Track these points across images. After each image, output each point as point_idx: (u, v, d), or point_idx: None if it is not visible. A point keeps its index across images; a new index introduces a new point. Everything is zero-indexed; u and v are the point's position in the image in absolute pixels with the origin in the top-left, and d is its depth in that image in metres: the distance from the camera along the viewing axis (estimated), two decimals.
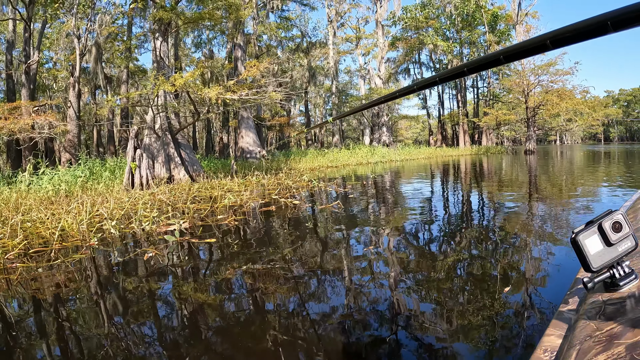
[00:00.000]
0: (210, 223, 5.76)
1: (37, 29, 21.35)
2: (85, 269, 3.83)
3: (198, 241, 4.64)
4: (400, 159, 25.71)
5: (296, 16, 35.68)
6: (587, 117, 35.38)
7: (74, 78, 18.04)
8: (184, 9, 23.16)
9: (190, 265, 3.84)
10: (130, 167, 11.69)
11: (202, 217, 6.22)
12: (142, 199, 7.66)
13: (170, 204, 7.29)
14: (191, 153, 14.53)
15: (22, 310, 2.96)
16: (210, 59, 34.60)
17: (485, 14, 37.41)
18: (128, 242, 4.87)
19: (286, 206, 7.01)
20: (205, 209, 6.93)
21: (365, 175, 13.72)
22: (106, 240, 4.94)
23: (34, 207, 7.01)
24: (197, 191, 9.58)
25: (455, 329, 2.34)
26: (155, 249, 4.31)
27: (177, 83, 9.33)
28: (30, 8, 18.11)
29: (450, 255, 3.86)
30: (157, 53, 13.86)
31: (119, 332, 2.46)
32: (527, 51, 0.69)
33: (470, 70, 0.84)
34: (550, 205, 6.45)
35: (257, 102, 12.69)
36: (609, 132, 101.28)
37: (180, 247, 4.47)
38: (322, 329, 2.40)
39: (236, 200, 7.66)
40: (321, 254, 4.00)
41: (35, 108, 16.64)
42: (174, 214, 6.25)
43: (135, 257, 4.13)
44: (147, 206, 6.85)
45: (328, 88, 43.87)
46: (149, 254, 4.12)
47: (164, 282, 3.40)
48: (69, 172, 11.98)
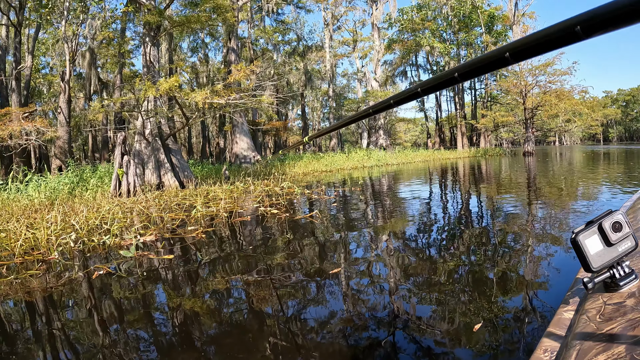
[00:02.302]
0: (177, 235, 5.43)
1: (32, 35, 21.20)
2: (25, 288, 3.53)
3: (155, 257, 4.32)
4: (397, 163, 25.43)
5: (292, 20, 35.57)
6: (586, 117, 35.19)
7: (64, 83, 17.83)
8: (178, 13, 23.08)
9: (134, 289, 3.43)
10: (118, 173, 11.45)
11: (172, 228, 5.93)
12: (122, 207, 7.42)
13: (147, 214, 7.03)
14: (182, 159, 14.30)
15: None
16: (206, 63, 34.42)
17: (482, 15, 37.24)
18: (90, 255, 4.60)
19: (263, 216, 6.70)
20: (182, 218, 6.66)
21: (355, 181, 13.41)
22: (68, 254, 4.68)
23: (15, 216, 6.79)
24: (182, 198, 9.32)
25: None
26: (108, 266, 4.02)
27: (161, 88, 9.09)
28: (20, 13, 17.93)
29: (442, 275, 3.60)
30: (147, 58, 13.66)
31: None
32: (484, 67, 0.62)
33: (425, 90, 0.76)
34: (549, 209, 6.20)
35: (248, 107, 12.47)
36: (607, 132, 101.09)
37: (136, 263, 4.15)
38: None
39: (215, 209, 7.39)
40: (281, 281, 3.46)
41: (26, 114, 16.41)
42: (145, 225, 5.99)
43: (86, 274, 3.82)
44: (123, 216, 6.61)
45: (325, 92, 43.71)
46: (99, 272, 3.84)
47: (98, 309, 3.02)
48: (56, 179, 11.75)
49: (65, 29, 18.22)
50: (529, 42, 0.54)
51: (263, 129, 26.19)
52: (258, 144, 27.72)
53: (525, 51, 0.55)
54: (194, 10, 14.87)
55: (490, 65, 0.61)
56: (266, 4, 29.24)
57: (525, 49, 0.55)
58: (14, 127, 14.66)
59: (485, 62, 0.61)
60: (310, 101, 49.36)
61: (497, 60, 0.59)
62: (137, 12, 14.12)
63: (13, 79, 17.82)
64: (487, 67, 0.62)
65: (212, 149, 38.66)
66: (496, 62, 0.59)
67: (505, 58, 0.57)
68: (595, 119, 37.10)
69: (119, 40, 23.10)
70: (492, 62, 0.60)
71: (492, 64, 0.60)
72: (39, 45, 30.50)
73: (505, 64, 0.58)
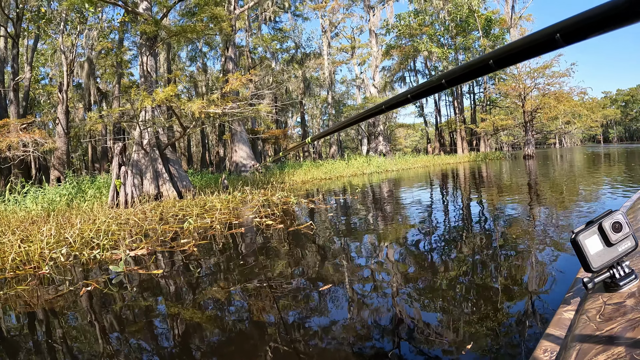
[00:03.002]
0: (168, 248, 5.30)
1: (31, 46, 21.25)
2: (11, 304, 3.44)
3: (144, 272, 4.21)
4: (396, 169, 25.31)
5: (290, 27, 35.70)
6: (586, 118, 35.18)
7: (62, 94, 17.84)
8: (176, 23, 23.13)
9: (121, 306, 3.30)
10: (115, 184, 11.38)
11: (165, 241, 5.81)
12: (118, 219, 7.34)
13: (141, 226, 6.93)
14: (180, 169, 14.24)
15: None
16: (205, 72, 34.50)
17: (479, 18, 37.31)
18: (82, 270, 4.51)
19: (257, 228, 6.58)
20: (176, 230, 6.56)
21: (353, 189, 13.27)
22: (59, 269, 4.59)
23: (11, 228, 6.70)
24: (179, 209, 9.24)
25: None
26: (98, 282, 3.92)
27: (157, 98, 9.05)
28: (18, 25, 17.99)
29: (442, 280, 3.50)
30: (144, 68, 13.66)
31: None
32: (469, 74, 0.65)
33: (414, 96, 0.79)
34: (549, 211, 6.11)
35: (246, 116, 12.43)
36: (607, 133, 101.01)
37: (125, 278, 4.04)
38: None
39: (210, 221, 7.29)
40: (272, 298, 3.27)
41: (24, 125, 16.40)
42: (138, 238, 5.90)
43: (74, 290, 3.72)
44: (117, 228, 6.52)
45: (324, 99, 43.74)
46: (87, 288, 3.75)
47: (81, 326, 2.91)
48: (53, 191, 11.69)
49: (63, 40, 18.27)
50: (511, 49, 0.56)
51: (262, 137, 26.16)
52: (258, 153, 27.69)
53: (508, 58, 0.57)
54: (191, 20, 14.89)
55: (475, 72, 0.63)
56: (263, 12, 29.33)
57: (507, 56, 0.57)
58: (12, 139, 14.64)
59: (471, 69, 0.64)
60: (309, 109, 49.39)
61: (481, 67, 0.61)
62: (134, 22, 14.14)
63: (11, 90, 17.83)
64: (473, 73, 0.64)
65: (213, 157, 38.63)
66: (481, 69, 0.62)
67: (489, 65, 0.59)
68: (595, 120, 37.06)
69: (117, 50, 23.17)
70: (477, 69, 0.63)
71: (477, 71, 0.63)
72: (39, 56, 30.63)
73: (489, 70, 0.60)
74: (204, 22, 13.34)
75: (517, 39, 0.56)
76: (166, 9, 13.25)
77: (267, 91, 18.57)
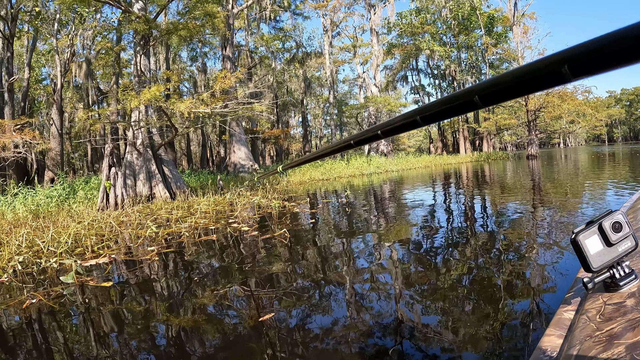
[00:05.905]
0: (130, 257, 4.98)
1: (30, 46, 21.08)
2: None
3: (94, 284, 3.86)
4: (397, 169, 24.95)
5: (291, 27, 35.38)
6: (590, 118, 34.68)
7: (56, 95, 17.65)
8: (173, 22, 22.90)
9: (60, 322, 3.00)
10: (105, 186, 11.13)
11: (133, 248, 5.49)
12: (100, 222, 7.07)
13: (117, 231, 6.65)
14: (174, 169, 13.98)
15: None
16: (204, 72, 34.29)
17: (481, 16, 36.89)
18: (43, 278, 4.23)
19: (231, 235, 6.11)
20: (149, 236, 6.24)
21: (349, 190, 12.87)
22: (22, 277, 4.31)
23: None
24: (166, 212, 8.95)
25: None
26: (48, 293, 3.61)
27: (143, 97, 8.78)
28: (12, 26, 17.81)
29: (443, 279, 3.19)
30: (138, 67, 13.42)
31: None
32: (448, 110, 0.53)
33: (385, 133, 0.70)
34: (551, 211, 5.79)
35: (240, 115, 12.15)
36: (612, 132, 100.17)
37: (77, 290, 3.71)
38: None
39: (187, 225, 6.98)
40: (224, 320, 2.86)
41: (18, 126, 16.21)
42: (107, 244, 5.60)
43: (21, 302, 3.40)
44: (92, 232, 6.25)
45: (326, 98, 43.45)
46: (32, 301, 3.44)
47: (16, 344, 2.59)
48: (44, 192, 11.46)
49: (57, 40, 18.08)
50: (503, 82, 0.43)
51: (262, 137, 25.92)
52: (257, 153, 27.46)
53: (499, 94, 0.44)
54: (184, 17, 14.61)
55: (456, 109, 0.50)
56: (261, 11, 29.06)
57: (498, 91, 0.43)
58: (4, 140, 14.44)
59: (451, 105, 0.51)
60: (311, 108, 49.15)
61: (464, 104, 0.49)
62: (129, 22, 13.91)
63: (5, 91, 17.64)
64: (452, 110, 0.51)
65: (214, 157, 38.43)
66: (463, 105, 0.49)
67: (474, 102, 0.47)
68: (599, 119, 36.52)
69: (110, 50, 22.98)
70: (458, 105, 0.50)
71: (458, 108, 0.50)
72: (39, 57, 30.54)
73: (474, 108, 0.48)
74: (201, 21, 13.09)
75: (510, 70, 0.41)
76: (160, 8, 13.00)
77: (267, 90, 18.29)
